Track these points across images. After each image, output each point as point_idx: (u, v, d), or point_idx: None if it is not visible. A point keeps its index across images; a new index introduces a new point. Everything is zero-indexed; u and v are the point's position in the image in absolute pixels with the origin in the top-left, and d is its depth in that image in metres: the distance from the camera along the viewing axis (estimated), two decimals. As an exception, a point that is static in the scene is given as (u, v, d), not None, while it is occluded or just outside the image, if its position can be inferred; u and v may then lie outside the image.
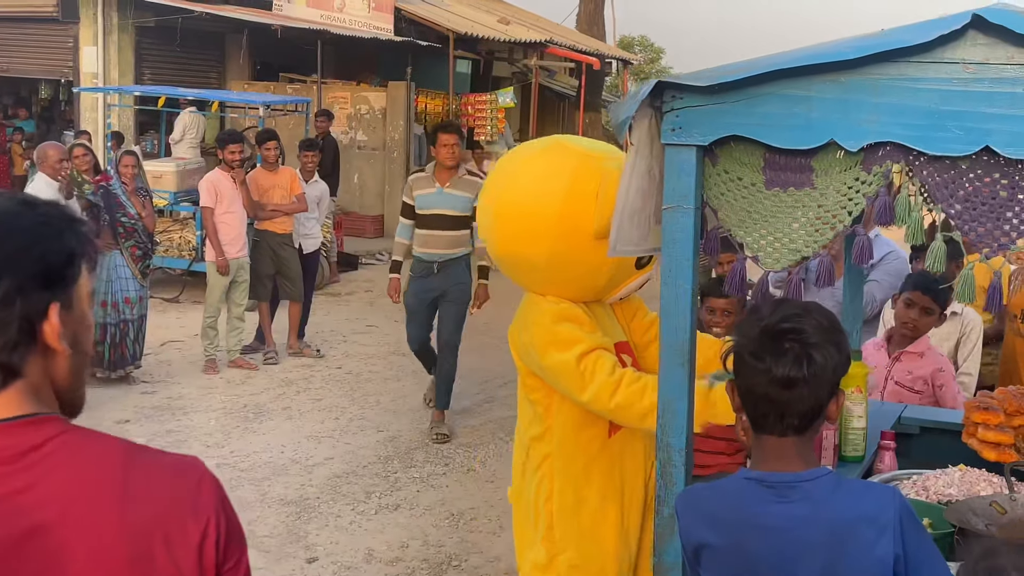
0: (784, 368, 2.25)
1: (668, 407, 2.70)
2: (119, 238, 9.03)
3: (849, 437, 3.75)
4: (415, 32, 19.96)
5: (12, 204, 1.53)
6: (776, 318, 2.29)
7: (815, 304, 2.40)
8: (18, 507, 1.44)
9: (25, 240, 1.50)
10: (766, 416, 2.31)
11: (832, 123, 2.49)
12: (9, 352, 1.49)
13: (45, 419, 1.51)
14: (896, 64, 2.41)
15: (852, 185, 2.54)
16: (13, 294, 1.48)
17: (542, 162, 3.51)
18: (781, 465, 2.31)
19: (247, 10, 18.82)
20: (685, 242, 2.66)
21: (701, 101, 2.59)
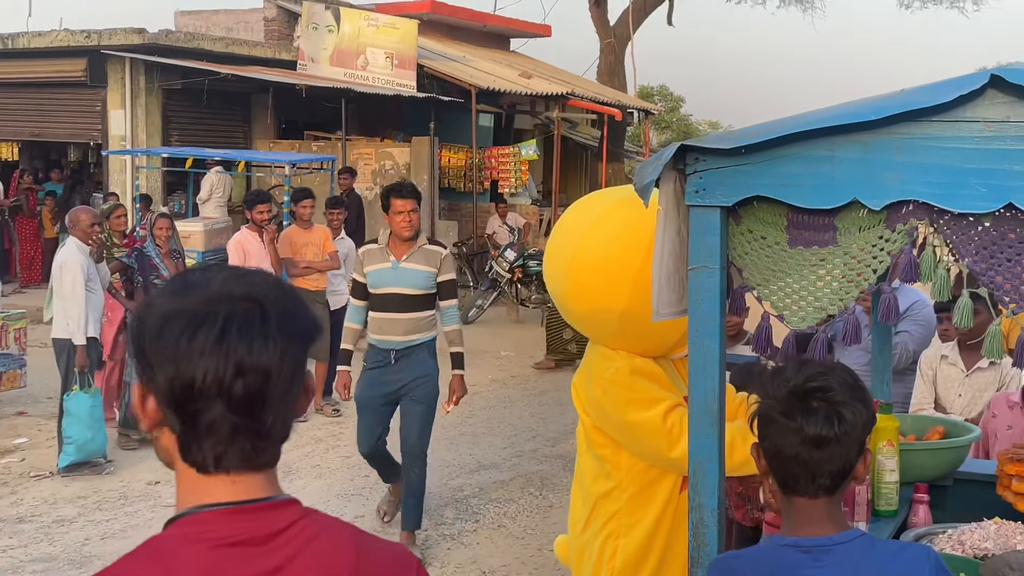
0: (815, 427, 2.25)
1: (699, 468, 2.70)
2: None
3: (882, 491, 3.72)
4: (438, 88, 20.15)
5: (279, 284, 1.61)
6: (803, 378, 2.30)
7: (837, 363, 2.41)
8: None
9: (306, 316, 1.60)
10: (797, 478, 2.30)
11: (855, 182, 2.50)
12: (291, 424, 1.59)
13: (288, 503, 1.57)
14: (918, 123, 2.43)
15: (876, 243, 2.55)
16: (304, 365, 1.58)
17: (623, 214, 3.47)
18: (814, 528, 2.31)
19: (272, 70, 19.08)
20: (711, 302, 2.67)
21: (724, 163, 2.61)
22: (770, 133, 2.53)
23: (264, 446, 1.54)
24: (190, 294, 1.53)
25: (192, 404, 1.49)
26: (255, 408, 1.50)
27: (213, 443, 1.52)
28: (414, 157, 19.33)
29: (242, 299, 1.52)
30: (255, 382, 1.49)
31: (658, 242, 2.72)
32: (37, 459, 8.85)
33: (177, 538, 1.51)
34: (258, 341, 1.49)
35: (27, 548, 6.90)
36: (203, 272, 1.57)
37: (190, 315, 1.50)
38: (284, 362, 1.52)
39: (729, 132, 2.65)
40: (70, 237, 8.51)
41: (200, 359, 1.48)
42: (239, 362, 1.48)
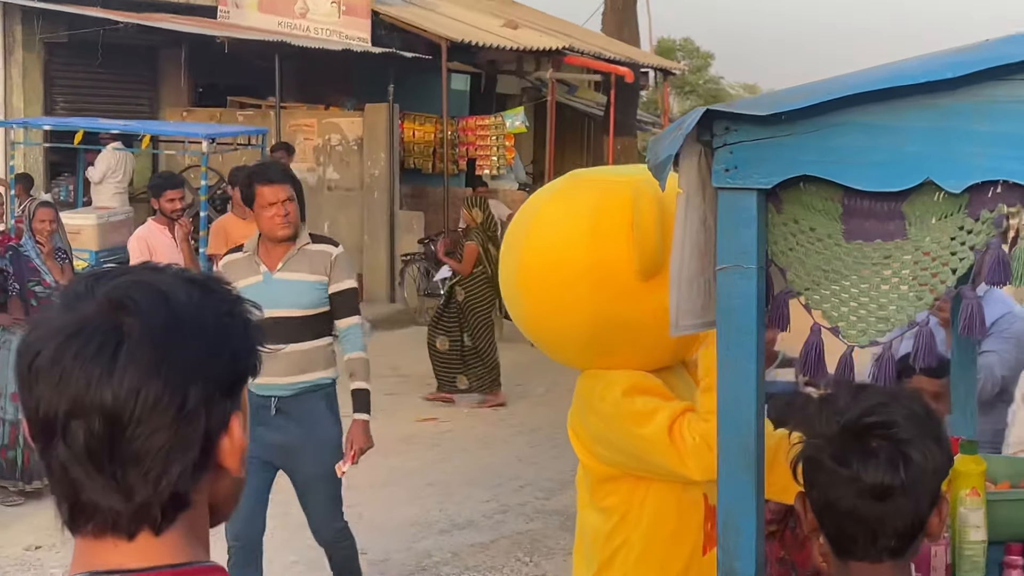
0: (875, 474, 2.25)
1: (730, 523, 2.70)
2: (32, 312, 9.07)
3: (966, 553, 3.74)
4: (399, 41, 20.16)
5: (187, 289, 1.54)
6: (859, 410, 2.30)
7: (903, 388, 2.42)
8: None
9: (215, 340, 1.53)
10: (854, 537, 2.31)
11: (929, 158, 2.52)
12: (188, 478, 1.52)
13: (202, 570, 1.54)
14: (1007, 83, 2.44)
15: (956, 235, 2.56)
16: (200, 407, 1.50)
17: (556, 207, 3.60)
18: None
19: (186, 19, 19.09)
20: (746, 311, 2.67)
21: (762, 134, 2.62)
22: (820, 96, 2.54)
23: (125, 510, 1.50)
24: (70, 303, 1.52)
25: (38, 441, 1.50)
26: (100, 459, 1.47)
27: (63, 495, 1.51)
28: (368, 129, 19.34)
29: (103, 313, 1.48)
30: (95, 426, 1.46)
31: (677, 236, 2.73)
32: None
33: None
34: (99, 372, 1.46)
35: None
36: (99, 275, 1.55)
37: (42, 332, 1.50)
38: (139, 402, 1.46)
39: (768, 95, 2.66)
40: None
41: (35, 387, 1.48)
42: (73, 397, 1.46)
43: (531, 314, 3.64)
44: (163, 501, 1.51)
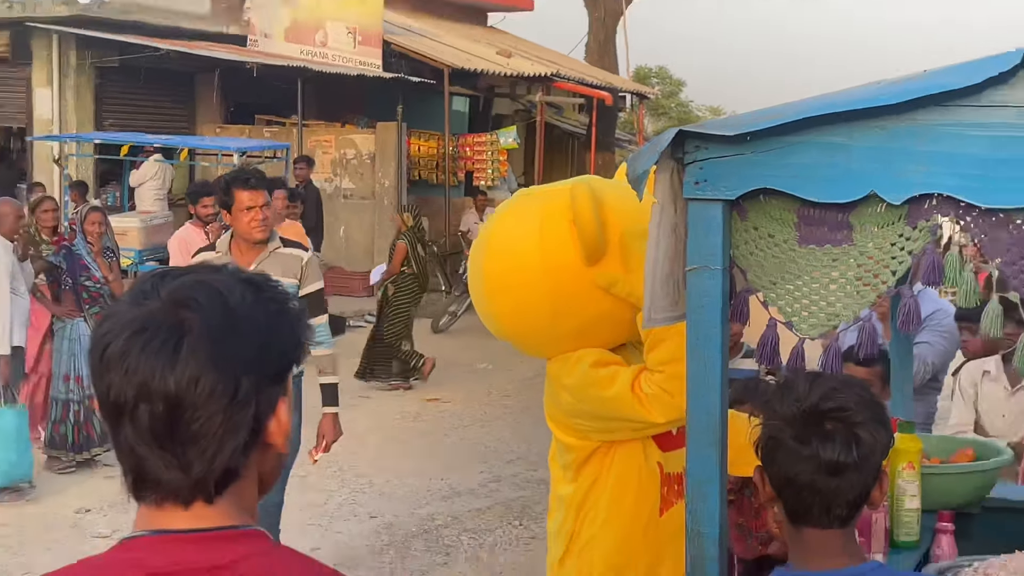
0: (832, 453, 2.26)
1: (698, 491, 2.71)
2: (83, 304, 9.05)
3: (902, 520, 3.74)
4: (406, 67, 20.12)
5: (242, 289, 1.55)
6: (817, 395, 2.30)
7: (852, 377, 2.42)
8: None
9: (266, 335, 1.54)
10: (809, 507, 2.31)
11: (873, 174, 2.52)
12: (239, 455, 1.53)
13: (245, 534, 1.54)
14: (944, 109, 2.45)
15: (896, 242, 2.56)
16: (252, 394, 1.51)
17: (508, 219, 3.64)
18: (827, 562, 2.32)
19: (219, 47, 19.04)
20: (712, 307, 2.67)
21: (728, 151, 2.62)
22: (779, 119, 2.55)
23: (183, 483, 1.51)
24: (137, 300, 1.53)
25: (108, 421, 1.52)
26: (163, 439, 1.49)
27: (127, 469, 1.53)
28: (379, 145, 19.33)
29: (167, 310, 1.50)
30: (159, 409, 1.47)
31: (652, 241, 2.72)
32: (-48, 484, 8.80)
33: (110, 562, 1.53)
34: (163, 363, 1.47)
35: (-61, 584, 6.87)
36: (166, 275, 1.56)
37: (112, 325, 1.51)
38: (198, 389, 1.48)
39: (734, 117, 2.66)
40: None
41: (106, 374, 1.49)
42: (140, 384, 1.47)
43: (497, 315, 3.63)
44: (216, 475, 1.52)
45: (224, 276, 1.57)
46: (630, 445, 3.49)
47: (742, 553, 4.78)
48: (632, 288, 3.32)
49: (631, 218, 3.36)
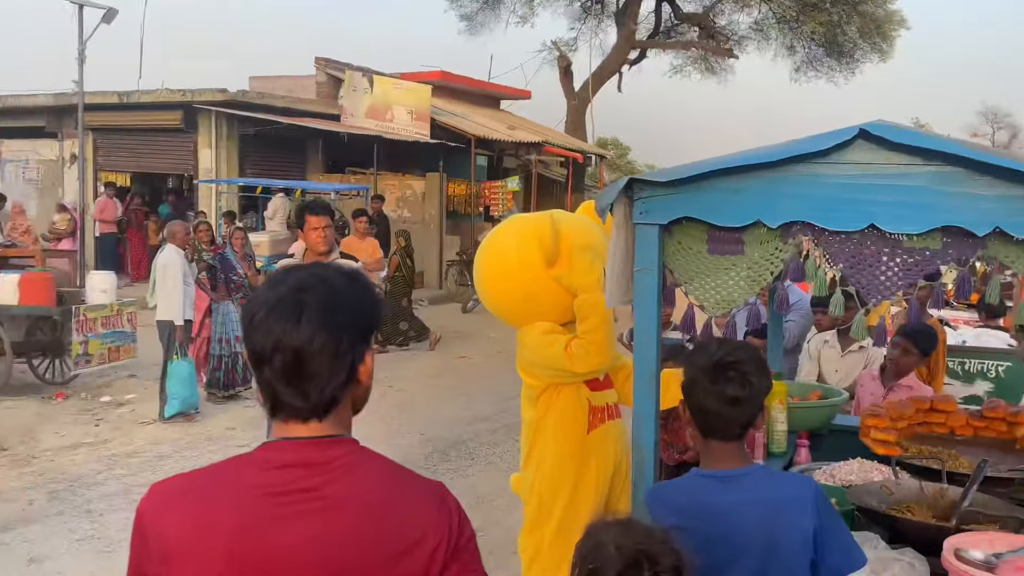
0: (732, 390, 2.26)
1: (640, 419, 2.70)
2: (231, 292, 9.09)
3: (775, 437, 3.74)
4: (446, 136, 20.11)
5: (341, 278, 1.56)
6: (722, 353, 2.30)
7: (746, 342, 2.41)
8: (312, 497, 1.49)
9: (357, 308, 1.55)
10: (715, 427, 2.31)
11: (758, 207, 2.51)
12: (340, 389, 1.53)
13: (343, 440, 1.55)
14: (806, 164, 2.44)
15: (773, 252, 2.55)
16: (348, 348, 1.52)
17: (498, 233, 3.65)
18: (727, 464, 2.32)
19: (321, 121, 19.03)
20: (651, 295, 2.67)
21: (662, 192, 2.61)
22: (696, 170, 2.54)
23: (303, 407, 1.52)
24: (273, 286, 1.54)
25: (254, 366, 1.52)
26: (290, 378, 1.49)
27: (268, 397, 1.53)
28: (427, 188, 19.31)
29: (294, 291, 1.50)
30: (288, 357, 1.48)
31: (611, 248, 2.72)
32: (144, 410, 8.81)
33: (253, 458, 1.54)
34: (291, 325, 1.48)
35: (135, 476, 6.88)
36: (291, 270, 1.57)
37: (258, 301, 1.52)
38: (314, 344, 1.48)
39: (665, 170, 2.65)
40: (168, 244, 8.48)
41: (254, 334, 1.50)
42: (276, 340, 1.48)
43: (488, 296, 3.66)
44: (325, 402, 1.53)
45: (330, 270, 1.58)
46: (569, 387, 3.51)
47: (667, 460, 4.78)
48: (572, 282, 3.38)
49: (578, 238, 3.44)
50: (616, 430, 3.60)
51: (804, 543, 2.22)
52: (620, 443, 3.59)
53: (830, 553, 2.23)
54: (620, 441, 3.60)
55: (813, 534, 2.22)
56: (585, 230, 3.53)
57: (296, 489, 1.49)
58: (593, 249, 3.39)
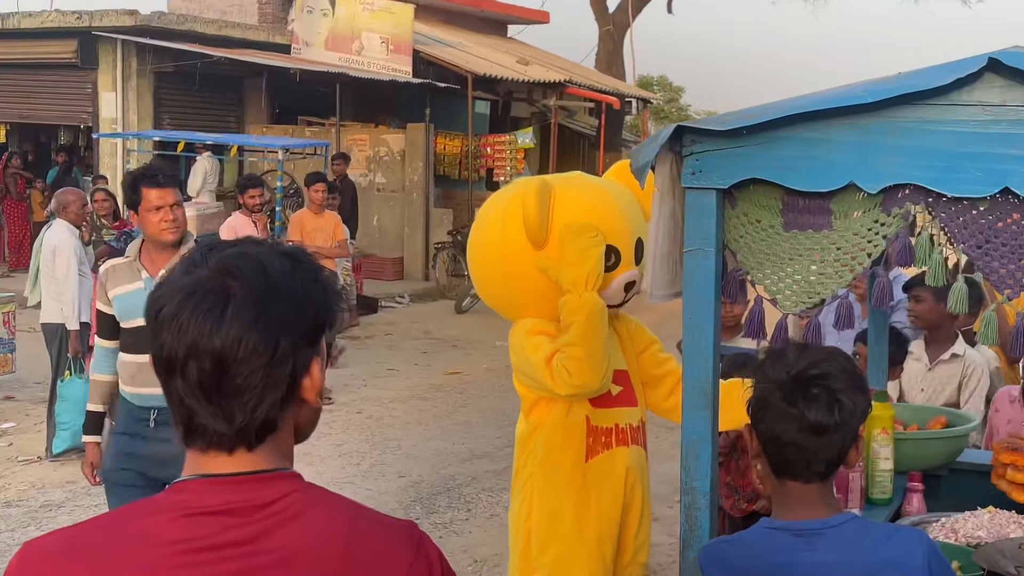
0: (815, 414, 2.27)
1: (691, 450, 2.72)
2: None
3: (876, 479, 3.76)
4: (434, 74, 20.12)
5: (280, 260, 1.57)
6: (804, 363, 2.31)
7: (837, 349, 2.42)
8: (246, 552, 1.50)
9: (302, 301, 1.56)
10: (792, 463, 2.32)
11: (851, 165, 2.52)
12: (277, 408, 1.55)
13: (282, 475, 1.57)
14: (914, 107, 2.45)
15: (871, 227, 2.57)
16: (289, 353, 1.53)
17: (488, 205, 3.81)
18: (806, 512, 2.33)
19: (265, 54, 19.06)
20: (706, 285, 2.69)
21: (721, 145, 2.63)
22: (766, 115, 2.55)
23: (227, 432, 1.53)
24: (188, 269, 1.55)
25: (161, 376, 1.54)
26: (210, 393, 1.51)
27: (180, 420, 1.55)
28: (409, 144, 19.33)
29: (214, 278, 1.51)
30: (208, 366, 1.49)
31: (653, 224, 2.74)
32: (25, 444, 8.86)
33: (159, 503, 1.55)
34: (211, 323, 1.48)
35: (14, 533, 6.92)
36: (212, 247, 1.58)
37: (167, 288, 1.53)
38: (241, 347, 1.49)
39: (726, 114, 2.67)
40: (58, 220, 8.50)
41: (160, 333, 1.51)
42: (191, 343, 1.49)
43: (474, 279, 3.82)
44: (257, 425, 1.54)
45: (264, 249, 1.59)
46: (563, 401, 3.56)
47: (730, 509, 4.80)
48: (559, 275, 3.42)
49: (576, 214, 3.47)
50: (628, 459, 3.64)
51: (912, 620, 2.24)
52: (633, 477, 3.64)
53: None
54: (633, 474, 3.64)
55: (924, 608, 2.24)
56: (592, 205, 3.57)
57: (224, 543, 1.50)
58: (591, 231, 3.42)
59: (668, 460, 7.17)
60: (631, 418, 3.67)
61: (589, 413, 3.58)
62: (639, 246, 3.60)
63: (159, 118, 18.65)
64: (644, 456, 3.73)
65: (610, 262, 3.52)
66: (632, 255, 3.59)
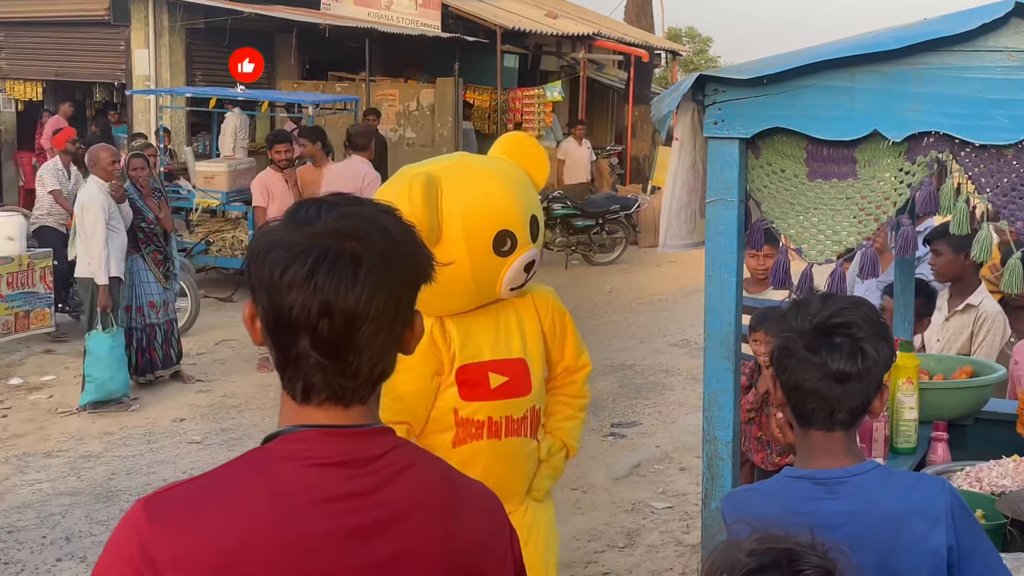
0: (838, 363, 2.24)
1: (714, 400, 2.71)
2: (140, 244, 9.00)
3: (901, 429, 3.74)
4: (462, 28, 20.02)
5: (394, 220, 1.60)
6: (827, 312, 2.28)
7: (860, 298, 2.39)
8: (364, 506, 1.56)
9: (415, 260, 1.61)
10: (815, 411, 2.30)
11: (875, 113, 2.49)
12: (391, 363, 1.61)
13: (385, 430, 1.63)
14: (939, 53, 2.41)
15: (896, 175, 2.54)
16: (406, 310, 1.60)
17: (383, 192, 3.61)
18: (829, 461, 2.31)
19: (295, 10, 18.99)
20: (729, 235, 2.67)
21: (743, 94, 2.60)
22: (789, 63, 2.52)
23: (351, 386, 1.57)
24: (299, 227, 1.55)
25: (281, 335, 1.55)
26: (340, 348, 1.54)
27: (301, 376, 1.56)
28: (438, 98, 19.25)
29: (341, 238, 1.53)
30: (340, 324, 1.52)
31: (671, 174, 2.71)
32: (64, 396, 8.96)
33: (278, 453, 1.57)
34: (345, 284, 1.51)
35: (55, 483, 7.02)
36: (318, 205, 1.58)
37: (288, 248, 1.53)
38: (372, 306, 1.53)
39: (749, 63, 2.63)
40: (91, 176, 8.53)
41: (288, 294, 1.52)
42: (324, 302, 1.51)
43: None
44: (375, 380, 1.60)
45: (375, 209, 1.61)
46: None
47: (761, 463, 4.80)
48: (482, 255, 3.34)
49: (468, 205, 3.34)
50: (498, 452, 3.51)
51: (934, 568, 2.23)
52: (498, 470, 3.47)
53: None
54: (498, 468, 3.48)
55: (947, 556, 2.22)
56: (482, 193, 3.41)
57: (347, 494, 1.55)
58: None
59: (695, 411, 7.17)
60: (511, 410, 3.53)
61: (458, 405, 3.47)
62: (534, 223, 3.49)
63: (191, 75, 18.65)
64: (525, 446, 3.60)
65: (506, 247, 3.40)
66: (528, 235, 3.46)
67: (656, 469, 7.34)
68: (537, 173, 3.62)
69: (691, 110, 2.66)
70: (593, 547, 5.98)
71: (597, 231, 16.19)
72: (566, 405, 3.75)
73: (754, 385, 4.62)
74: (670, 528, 6.28)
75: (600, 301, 13.60)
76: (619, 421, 8.48)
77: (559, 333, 3.68)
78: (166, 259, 9.20)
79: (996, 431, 3.92)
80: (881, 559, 2.22)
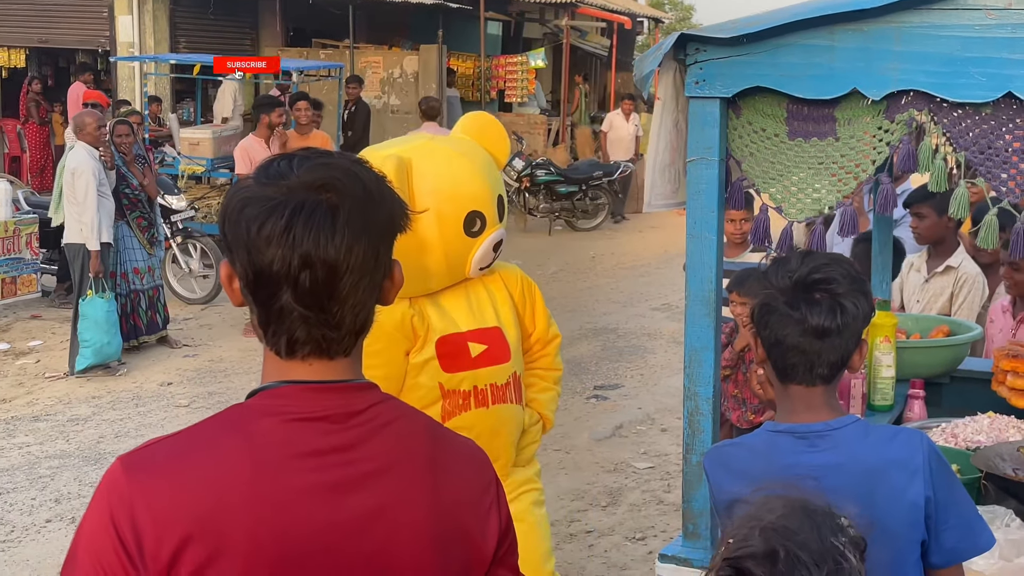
0: (818, 318, 2.24)
1: (695, 357, 2.72)
2: (125, 210, 8.98)
3: (878, 386, 3.76)
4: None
5: (365, 169, 1.59)
6: (807, 269, 2.28)
7: (840, 255, 2.40)
8: (345, 461, 1.55)
9: (390, 208, 1.60)
10: (796, 366, 2.30)
11: (855, 72, 2.49)
12: (372, 313, 1.60)
13: (368, 385, 1.62)
14: (918, 11, 2.40)
15: (875, 134, 2.54)
16: (384, 259, 1.59)
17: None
18: (810, 415, 2.31)
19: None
20: (710, 194, 2.67)
21: (724, 53, 2.59)
22: (769, 22, 2.51)
23: (335, 336, 1.56)
24: (271, 181, 1.54)
25: (263, 290, 1.53)
26: (322, 300, 1.52)
27: (284, 330, 1.55)
28: (422, 65, 19.15)
29: (316, 190, 1.52)
30: (321, 275, 1.51)
31: (653, 134, 2.71)
32: (52, 361, 8.95)
33: (257, 408, 1.56)
34: (324, 234, 1.50)
35: (43, 445, 7.02)
36: (289, 159, 1.57)
37: (263, 203, 1.51)
38: (352, 256, 1.52)
39: (730, 22, 2.62)
40: (78, 142, 8.47)
41: (267, 248, 1.50)
42: (304, 254, 1.50)
43: None
44: (358, 330, 1.59)
45: (347, 160, 1.60)
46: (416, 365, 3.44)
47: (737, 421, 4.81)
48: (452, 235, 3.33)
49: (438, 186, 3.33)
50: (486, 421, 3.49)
51: (912, 520, 2.24)
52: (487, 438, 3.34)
53: (947, 532, 2.25)
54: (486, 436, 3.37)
55: (924, 508, 2.24)
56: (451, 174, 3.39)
57: (326, 449, 1.54)
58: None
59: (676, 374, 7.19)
60: (494, 377, 3.50)
61: (441, 379, 3.43)
62: (500, 203, 3.49)
63: (175, 41, 18.51)
64: (512, 411, 3.58)
65: (476, 227, 3.39)
66: (496, 215, 3.46)
67: (638, 430, 7.38)
68: (499, 152, 3.63)
69: (673, 69, 2.65)
70: (576, 506, 6.01)
71: (580, 197, 16.17)
72: (541, 378, 3.76)
73: (731, 343, 4.63)
74: (652, 487, 6.31)
75: (583, 267, 13.60)
76: (602, 384, 8.51)
77: (529, 303, 3.69)
78: (151, 225, 9.21)
79: (972, 389, 3.95)
80: (861, 510, 2.23)
